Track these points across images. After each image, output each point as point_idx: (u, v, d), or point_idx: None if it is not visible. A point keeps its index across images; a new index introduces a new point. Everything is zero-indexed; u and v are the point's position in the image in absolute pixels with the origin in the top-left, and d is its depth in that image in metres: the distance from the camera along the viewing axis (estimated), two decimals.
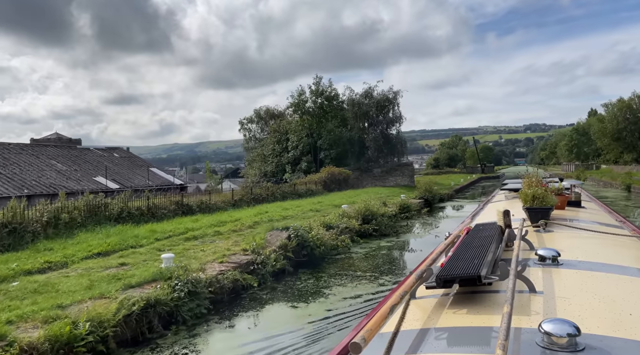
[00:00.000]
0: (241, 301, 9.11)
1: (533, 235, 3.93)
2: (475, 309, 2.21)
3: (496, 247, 2.95)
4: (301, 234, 12.23)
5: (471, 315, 2.13)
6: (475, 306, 2.24)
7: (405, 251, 14.45)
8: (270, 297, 9.43)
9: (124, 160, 34.07)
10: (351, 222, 16.83)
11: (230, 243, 12.51)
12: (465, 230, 3.60)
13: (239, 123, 54.09)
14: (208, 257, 10.52)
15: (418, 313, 2.30)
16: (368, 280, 10.52)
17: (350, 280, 10.53)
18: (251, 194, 23.97)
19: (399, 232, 17.91)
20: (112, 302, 6.94)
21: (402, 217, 21.52)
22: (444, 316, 2.18)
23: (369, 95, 45.38)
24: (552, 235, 4.09)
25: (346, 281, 10.49)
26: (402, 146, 45.88)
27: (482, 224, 3.81)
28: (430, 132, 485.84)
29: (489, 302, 2.29)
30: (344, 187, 37.34)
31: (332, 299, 8.95)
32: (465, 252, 2.73)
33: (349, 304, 8.56)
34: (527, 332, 1.88)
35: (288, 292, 9.82)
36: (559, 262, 2.90)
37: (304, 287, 10.01)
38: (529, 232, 3.86)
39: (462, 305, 2.28)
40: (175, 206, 17.87)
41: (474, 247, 2.85)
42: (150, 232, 13.13)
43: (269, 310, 8.73)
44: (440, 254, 3.08)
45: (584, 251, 3.39)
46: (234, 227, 15.37)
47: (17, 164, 24.71)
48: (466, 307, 2.23)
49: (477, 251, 2.71)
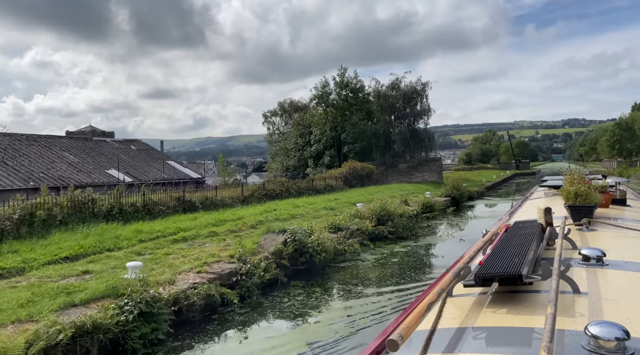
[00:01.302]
0: (211, 323, 7.65)
1: (576, 234, 3.83)
2: (515, 308, 2.17)
3: (537, 245, 2.92)
4: (299, 238, 10.69)
5: (511, 315, 2.10)
6: (516, 306, 2.21)
7: (421, 258, 12.67)
8: (247, 318, 7.93)
9: (141, 152, 33.32)
10: (364, 223, 15.19)
11: (221, 247, 11.10)
12: (503, 228, 3.53)
13: (263, 116, 52.95)
14: (186, 265, 9.13)
15: (455, 311, 2.28)
16: (369, 298, 8.85)
17: (346, 297, 8.92)
18: (263, 189, 22.57)
19: (418, 234, 16.13)
20: (31, 329, 5.58)
21: (425, 217, 19.71)
22: (483, 315, 2.15)
23: (395, 87, 43.36)
24: (596, 234, 4.01)
25: (342, 298, 8.89)
26: (430, 140, 43.66)
27: (522, 222, 3.73)
28: (464, 126, 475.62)
29: (530, 302, 2.25)
30: (366, 183, 35.58)
31: (316, 326, 7.34)
32: (504, 250, 2.71)
33: (334, 332, 6.95)
34: (572, 334, 1.85)
35: (269, 312, 8.29)
36: (604, 263, 2.82)
37: (290, 306, 8.45)
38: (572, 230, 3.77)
39: (501, 304, 2.25)
40: (176, 202, 16.63)
41: (514, 246, 2.82)
42: (136, 232, 11.86)
43: (237, 337, 7.22)
44: (477, 251, 3.06)
45: (631, 251, 3.27)
46: (233, 227, 13.98)
47: (26, 156, 24.11)
48: (506, 307, 2.20)
49: (517, 249, 2.69)
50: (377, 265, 11.51)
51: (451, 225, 19.64)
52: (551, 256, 2.52)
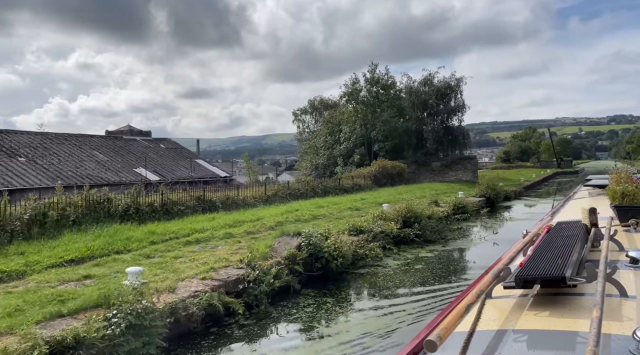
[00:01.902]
0: (210, 336, 7.07)
1: (622, 236, 3.73)
2: (558, 311, 2.14)
3: (581, 247, 2.85)
4: (314, 242, 10.01)
5: (554, 318, 2.06)
6: (559, 309, 2.17)
7: (448, 265, 11.73)
8: (250, 330, 7.30)
9: (170, 151, 33.45)
10: (388, 225, 14.37)
11: (234, 250, 10.56)
12: (545, 229, 3.50)
13: (293, 114, 52.60)
14: (192, 270, 8.60)
15: (495, 313, 2.23)
16: (384, 309, 8.06)
17: (360, 309, 8.15)
18: (288, 188, 22.03)
19: (447, 238, 15.17)
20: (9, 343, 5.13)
21: (456, 219, 18.66)
22: (524, 318, 2.11)
23: (428, 82, 42.04)
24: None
25: (354, 310, 8.12)
26: (465, 138, 42.11)
27: (565, 222, 3.69)
28: (502, 123, 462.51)
29: (573, 305, 2.21)
30: (397, 182, 34.57)
31: (324, 343, 6.61)
32: (546, 252, 2.66)
33: (340, 352, 6.21)
34: (619, 338, 1.81)
35: (275, 324, 7.64)
36: None
37: (296, 319, 7.76)
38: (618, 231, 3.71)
39: (543, 307, 2.21)
40: (196, 202, 16.27)
41: (557, 247, 2.76)
42: (148, 233, 11.48)
43: (235, 353, 6.61)
44: (517, 253, 3.01)
45: None
46: (250, 229, 13.44)
47: (56, 155, 24.43)
48: (548, 310, 2.16)
49: (560, 251, 2.63)
50: (398, 273, 10.68)
51: (485, 228, 18.52)
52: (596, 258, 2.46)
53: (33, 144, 24.30)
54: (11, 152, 22.32)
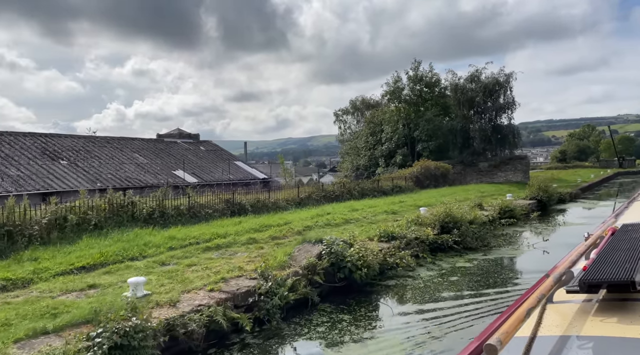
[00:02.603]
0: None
1: None
2: (627, 318, 2.04)
3: None
4: (335, 250, 9.20)
5: (623, 325, 1.97)
6: (628, 315, 2.07)
7: (487, 278, 10.49)
8: (253, 351, 6.58)
9: (210, 153, 33.54)
10: (424, 231, 13.33)
11: (252, 257, 9.93)
12: (609, 231, 3.39)
13: (334, 115, 51.95)
14: (202, 280, 8.02)
15: (557, 318, 2.17)
16: (408, 333, 7.11)
17: (377, 331, 7.25)
18: (322, 191, 21.29)
19: (490, 245, 13.92)
20: None
21: (502, 224, 17.27)
22: (589, 324, 2.04)
23: (475, 79, 40.12)
24: None
25: (369, 331, 7.23)
26: (515, 136, 39.85)
27: (631, 225, 3.55)
28: (558, 122, 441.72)
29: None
30: (441, 183, 33.08)
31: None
32: (612, 255, 2.57)
33: None
34: None
35: (282, 344, 6.88)
36: None
37: (305, 341, 6.95)
38: None
39: (610, 313, 2.12)
40: (224, 205, 15.84)
41: (624, 250, 2.68)
42: (168, 238, 11.05)
43: None
44: (580, 256, 2.96)
45: None
46: (276, 234, 12.81)
47: (97, 157, 24.86)
48: (616, 316, 2.07)
49: (628, 254, 2.54)
50: (429, 286, 9.66)
51: (534, 234, 17.02)
52: None
53: (76, 147, 24.85)
54: (54, 156, 22.88)
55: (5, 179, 18.97)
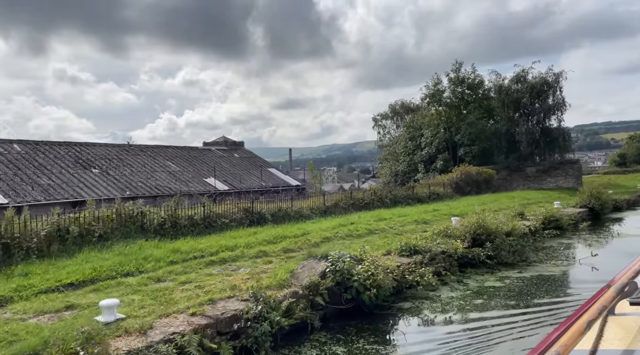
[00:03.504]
0: None
1: None
2: None
3: None
4: (341, 268, 8.24)
5: None
6: None
7: (519, 301, 9.05)
8: None
9: (243, 160, 33.30)
10: (453, 243, 12.09)
11: (255, 273, 9.12)
12: None
13: (373, 120, 50.72)
14: (186, 302, 7.26)
15: (619, 332, 2.05)
16: None
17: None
18: (350, 198, 20.28)
19: (529, 259, 12.48)
20: None
21: (546, 235, 15.65)
22: None
23: (521, 79, 37.86)
24: None
25: None
26: (566, 139, 37.21)
27: None
28: (618, 123, 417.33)
29: None
30: (484, 190, 31.23)
31: None
32: None
33: None
34: None
35: None
36: None
37: None
38: None
39: None
40: (242, 214, 15.17)
41: None
42: (171, 251, 10.44)
43: None
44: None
45: None
46: (290, 246, 11.97)
47: (130, 165, 25.02)
48: None
49: None
50: (449, 310, 8.46)
51: (582, 246, 15.29)
52: None
53: (109, 156, 25.13)
54: (87, 164, 23.16)
55: (36, 188, 19.22)
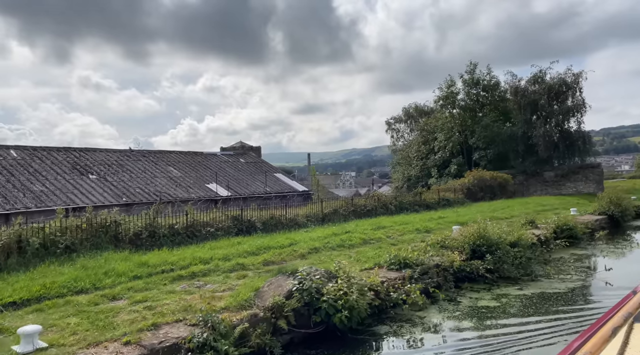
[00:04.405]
0: None
1: None
2: None
3: None
4: (308, 286, 7.32)
5: None
6: None
7: (512, 327, 8.10)
8: None
9: (249, 165, 32.61)
10: (450, 255, 11.06)
11: (222, 290, 8.29)
12: None
13: (386, 123, 49.62)
14: (129, 326, 6.45)
15: None
16: None
17: None
18: (351, 205, 19.31)
19: (534, 273, 11.35)
20: None
21: (557, 246, 14.42)
22: None
23: (538, 80, 36.39)
24: None
25: None
26: (586, 143, 35.50)
27: None
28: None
29: None
30: (498, 195, 29.87)
31: None
32: None
33: None
34: None
35: None
36: None
37: None
38: None
39: None
40: (231, 223, 14.37)
41: None
42: (138, 265, 9.67)
43: None
44: None
45: None
46: (273, 257, 11.11)
47: (130, 171, 24.54)
48: None
49: None
50: (429, 338, 7.43)
51: (597, 258, 14.03)
52: None
53: (109, 161, 24.71)
54: (84, 170, 22.75)
55: (28, 195, 18.81)
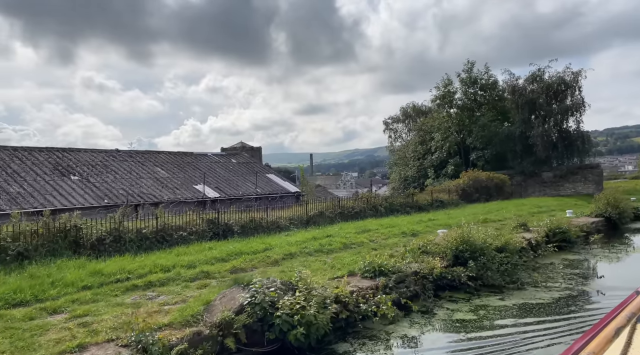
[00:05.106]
0: None
1: None
2: None
3: None
4: (261, 300, 6.66)
5: None
6: None
7: (491, 341, 7.42)
8: None
9: (241, 166, 31.97)
10: (430, 262, 10.38)
11: (173, 303, 7.64)
12: None
13: (384, 123, 48.95)
14: (53, 347, 5.81)
15: None
16: None
17: None
18: (338, 207, 18.63)
19: (520, 281, 10.65)
20: None
21: (549, 251, 13.72)
22: None
23: (537, 79, 35.62)
24: None
25: None
26: (585, 143, 34.71)
27: None
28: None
29: None
30: (494, 196, 29.15)
31: None
32: None
33: None
34: None
35: None
36: None
37: None
38: None
39: None
40: (206, 226, 13.73)
41: None
42: (91, 274, 9.02)
43: None
44: None
45: None
46: (244, 264, 10.45)
47: (114, 172, 23.92)
48: None
49: None
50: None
51: (589, 264, 13.30)
52: None
53: (93, 162, 24.10)
54: (66, 171, 22.15)
55: (3, 196, 18.21)
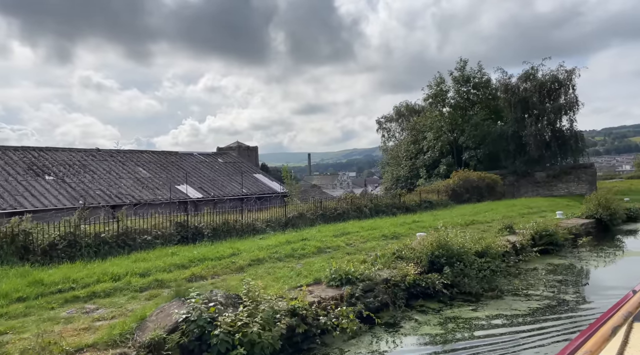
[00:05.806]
0: None
1: None
2: None
3: None
4: (197, 317, 5.97)
5: None
6: None
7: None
8: None
9: (228, 166, 31.28)
10: (403, 268, 9.71)
11: (111, 317, 6.96)
12: None
13: (377, 122, 48.24)
14: None
15: None
16: None
17: None
18: (320, 208, 17.93)
19: (498, 289, 9.98)
20: None
21: (534, 254, 13.06)
22: None
23: (530, 77, 34.99)
24: None
25: None
26: (578, 142, 34.09)
27: None
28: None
29: None
30: (486, 197, 28.49)
31: None
32: None
33: None
34: None
35: None
36: None
37: None
38: None
39: None
40: (174, 230, 13.03)
41: None
42: (29, 284, 8.30)
43: None
44: None
45: None
46: (204, 272, 9.76)
47: (92, 172, 23.21)
48: None
49: None
50: None
51: (574, 270, 12.64)
52: None
53: (70, 162, 23.38)
54: (41, 171, 21.43)
55: None
